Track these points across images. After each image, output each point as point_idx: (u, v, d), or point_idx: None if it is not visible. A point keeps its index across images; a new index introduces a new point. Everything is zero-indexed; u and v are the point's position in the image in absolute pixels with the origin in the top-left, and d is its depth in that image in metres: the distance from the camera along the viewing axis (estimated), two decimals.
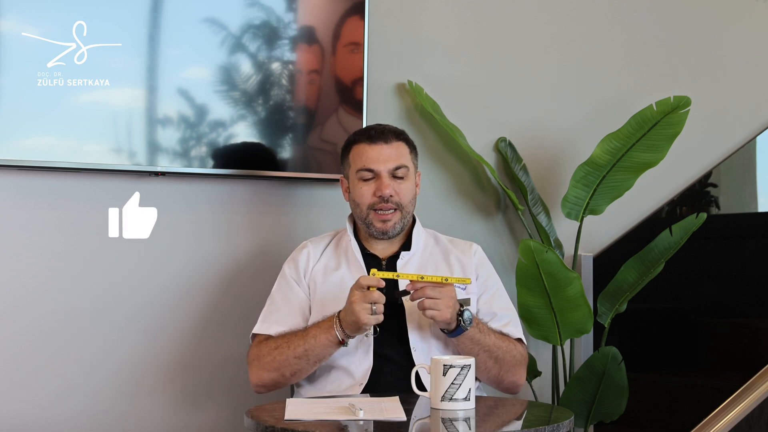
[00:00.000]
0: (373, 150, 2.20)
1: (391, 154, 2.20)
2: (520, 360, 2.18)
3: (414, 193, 2.25)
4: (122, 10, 2.36)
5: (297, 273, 2.24)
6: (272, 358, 2.12)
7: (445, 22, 2.89)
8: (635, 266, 2.80)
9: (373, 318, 1.99)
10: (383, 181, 2.18)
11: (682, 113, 2.69)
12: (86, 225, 2.41)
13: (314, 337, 2.08)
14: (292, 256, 2.28)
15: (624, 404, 2.77)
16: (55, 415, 2.37)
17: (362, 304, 1.99)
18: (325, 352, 2.09)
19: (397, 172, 2.20)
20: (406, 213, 2.21)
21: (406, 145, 2.25)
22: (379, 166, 2.19)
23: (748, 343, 3.17)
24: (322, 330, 2.07)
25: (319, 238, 2.32)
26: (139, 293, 2.47)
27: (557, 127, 3.03)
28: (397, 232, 2.21)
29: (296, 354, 2.09)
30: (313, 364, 2.11)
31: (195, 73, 2.47)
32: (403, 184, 2.20)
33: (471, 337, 2.07)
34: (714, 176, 3.29)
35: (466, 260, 2.26)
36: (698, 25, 3.29)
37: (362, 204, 2.20)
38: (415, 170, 2.27)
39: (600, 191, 2.77)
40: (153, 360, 2.48)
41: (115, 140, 2.38)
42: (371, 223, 2.20)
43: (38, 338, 2.36)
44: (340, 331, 2.04)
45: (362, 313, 1.99)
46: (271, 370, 2.13)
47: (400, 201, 2.19)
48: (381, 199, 2.17)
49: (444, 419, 1.81)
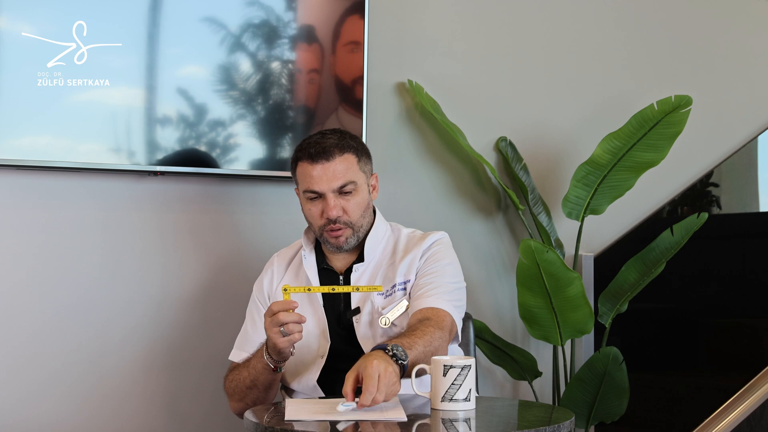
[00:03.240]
0: (315, 170, 2.08)
1: (335, 171, 2.09)
2: (449, 330, 2.05)
3: (366, 204, 2.15)
4: (122, 10, 2.36)
5: (262, 295, 2.23)
6: (232, 389, 2.14)
7: (445, 20, 2.88)
8: (636, 266, 2.80)
9: (286, 340, 1.93)
10: (328, 203, 2.09)
11: (683, 112, 2.69)
12: (84, 225, 2.41)
13: (254, 367, 2.06)
14: (260, 276, 2.26)
15: (625, 405, 2.77)
16: (50, 416, 2.37)
17: (272, 329, 1.93)
18: (268, 379, 2.06)
19: (343, 189, 2.10)
20: (359, 227, 2.13)
21: (353, 155, 2.12)
22: (323, 186, 2.09)
23: (750, 344, 3.17)
24: (257, 359, 2.06)
25: (286, 250, 2.28)
26: (137, 294, 2.47)
27: (558, 126, 3.02)
28: (352, 245, 2.15)
29: (246, 384, 2.09)
30: (266, 392, 2.09)
31: (194, 73, 2.47)
32: (352, 200, 2.11)
33: (413, 361, 1.90)
34: (715, 176, 3.29)
35: (414, 257, 2.16)
36: (700, 24, 3.29)
37: (314, 224, 2.14)
38: (367, 178, 2.15)
39: (601, 191, 2.77)
40: (150, 360, 2.48)
41: (114, 140, 2.38)
42: (326, 240, 2.14)
43: (31, 338, 2.36)
44: (270, 359, 2.01)
45: (275, 337, 1.94)
46: (237, 401, 2.14)
47: (349, 219, 2.11)
48: (329, 221, 2.10)
49: (444, 420, 1.80)
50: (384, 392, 1.79)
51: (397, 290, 2.14)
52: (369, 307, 2.13)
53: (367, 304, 2.13)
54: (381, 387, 1.78)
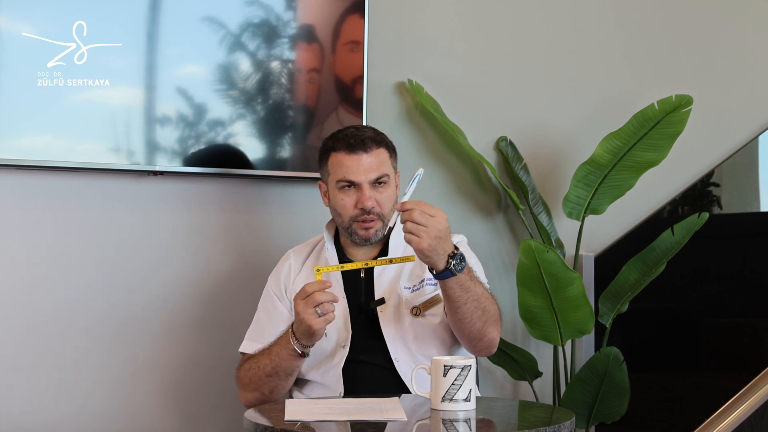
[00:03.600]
0: (353, 160, 2.13)
1: (372, 164, 2.13)
2: (498, 316, 2.11)
3: (394, 199, 2.18)
4: (122, 10, 2.35)
5: (279, 288, 2.23)
6: (249, 378, 2.12)
7: (445, 20, 2.88)
8: (637, 266, 2.79)
9: (322, 320, 1.95)
10: (364, 193, 2.12)
11: (684, 112, 2.68)
12: (84, 225, 2.41)
13: (277, 354, 2.06)
14: (275, 269, 2.27)
15: (625, 405, 2.76)
16: (47, 415, 2.37)
17: (307, 310, 1.94)
18: (291, 366, 2.06)
19: (379, 180, 2.14)
20: (387, 220, 2.15)
21: (387, 150, 2.18)
22: (360, 178, 2.13)
23: (751, 344, 3.17)
24: (282, 345, 2.05)
25: (302, 247, 2.30)
26: (137, 294, 2.47)
27: (558, 126, 3.02)
28: (378, 238, 2.17)
29: (266, 372, 2.08)
30: (286, 379, 2.09)
31: (194, 72, 2.46)
32: (384, 193, 2.15)
33: (461, 284, 1.97)
34: (716, 175, 3.28)
35: None
36: (700, 23, 3.28)
37: (344, 215, 2.15)
38: (395, 173, 2.21)
39: (601, 191, 2.77)
40: (147, 360, 2.47)
41: (114, 139, 2.38)
42: (354, 231, 2.16)
43: (32, 338, 2.36)
44: (297, 344, 2.01)
45: (310, 318, 1.94)
46: (251, 390, 2.13)
47: (381, 211, 2.14)
48: (363, 211, 2.12)
49: (444, 420, 1.80)
50: (423, 222, 1.87)
51: (425, 284, 2.15)
52: (395, 299, 2.14)
53: (393, 296, 2.14)
54: (425, 219, 1.88)
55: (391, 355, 2.11)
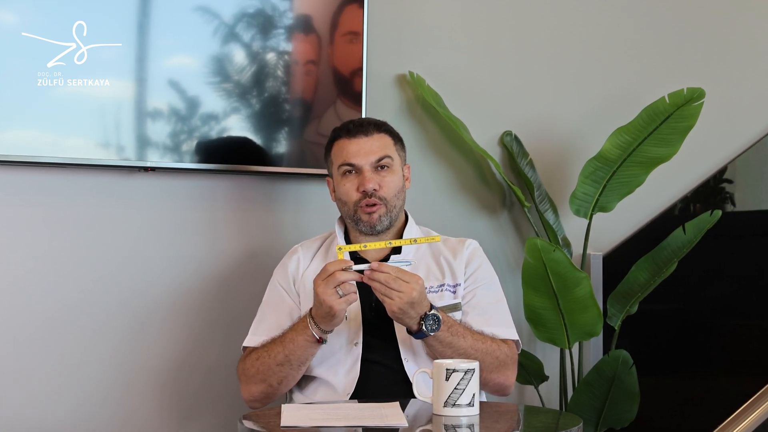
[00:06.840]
0: (353, 144, 2.16)
1: (372, 146, 2.16)
2: (505, 360, 2.11)
3: (401, 187, 2.20)
4: (121, 9, 2.35)
5: (286, 280, 2.22)
6: (256, 369, 2.11)
7: (447, 10, 2.87)
8: (647, 266, 2.78)
9: (343, 301, 1.94)
10: (365, 175, 2.14)
11: (695, 106, 2.68)
12: (73, 222, 2.40)
13: (292, 341, 2.04)
14: (282, 262, 2.27)
15: (635, 410, 2.76)
16: (42, 419, 2.35)
17: (328, 291, 1.94)
18: (306, 354, 2.05)
19: (380, 163, 2.16)
20: (392, 207, 2.17)
21: (390, 136, 2.21)
22: (360, 160, 2.15)
23: (765, 346, 3.17)
24: (298, 332, 2.04)
25: (310, 242, 2.30)
26: (126, 292, 2.45)
27: (565, 120, 3.01)
28: (385, 226, 2.17)
29: (278, 361, 2.07)
30: (297, 369, 2.08)
31: (186, 64, 2.46)
32: (387, 177, 2.16)
33: (440, 340, 2.00)
34: (729, 172, 3.28)
35: (457, 259, 2.20)
36: (712, 13, 3.28)
37: (348, 201, 2.16)
38: (402, 163, 2.22)
39: (610, 187, 2.75)
40: (143, 361, 2.47)
41: (103, 134, 2.37)
42: (359, 218, 2.16)
43: (22, 339, 2.35)
44: (316, 329, 2.01)
45: (331, 299, 1.93)
46: (257, 382, 2.11)
47: (385, 195, 2.15)
48: (365, 195, 2.13)
49: (447, 426, 1.78)
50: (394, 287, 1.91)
51: (445, 290, 2.17)
52: None
53: None
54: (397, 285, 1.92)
55: (401, 354, 2.10)
